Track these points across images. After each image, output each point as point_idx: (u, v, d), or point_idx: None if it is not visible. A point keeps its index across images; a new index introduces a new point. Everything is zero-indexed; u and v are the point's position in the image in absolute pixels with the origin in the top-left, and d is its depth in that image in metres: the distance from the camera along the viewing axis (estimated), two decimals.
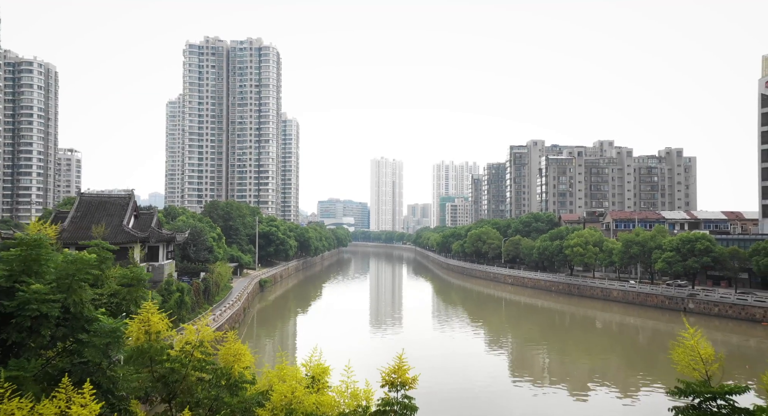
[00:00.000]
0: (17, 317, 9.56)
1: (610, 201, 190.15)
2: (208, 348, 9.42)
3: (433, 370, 46.14)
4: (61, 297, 10.10)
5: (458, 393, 42.13)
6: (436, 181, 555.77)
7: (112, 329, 10.25)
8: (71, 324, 10.37)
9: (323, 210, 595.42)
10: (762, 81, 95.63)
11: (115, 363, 10.36)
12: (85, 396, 7.89)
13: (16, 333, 9.59)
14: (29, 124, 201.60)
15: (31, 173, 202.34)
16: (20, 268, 10.21)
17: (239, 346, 9.48)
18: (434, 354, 56.15)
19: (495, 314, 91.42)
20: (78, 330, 10.39)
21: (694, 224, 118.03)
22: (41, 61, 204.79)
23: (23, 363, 9.27)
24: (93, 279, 11.58)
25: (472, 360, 55.58)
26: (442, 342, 65.64)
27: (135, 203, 63.71)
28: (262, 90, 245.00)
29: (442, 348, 61.44)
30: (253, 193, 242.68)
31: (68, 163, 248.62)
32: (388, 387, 9.08)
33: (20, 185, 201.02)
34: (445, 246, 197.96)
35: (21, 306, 9.56)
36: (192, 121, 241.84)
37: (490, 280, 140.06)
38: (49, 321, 9.87)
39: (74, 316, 10.40)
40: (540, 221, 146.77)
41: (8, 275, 9.94)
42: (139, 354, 9.28)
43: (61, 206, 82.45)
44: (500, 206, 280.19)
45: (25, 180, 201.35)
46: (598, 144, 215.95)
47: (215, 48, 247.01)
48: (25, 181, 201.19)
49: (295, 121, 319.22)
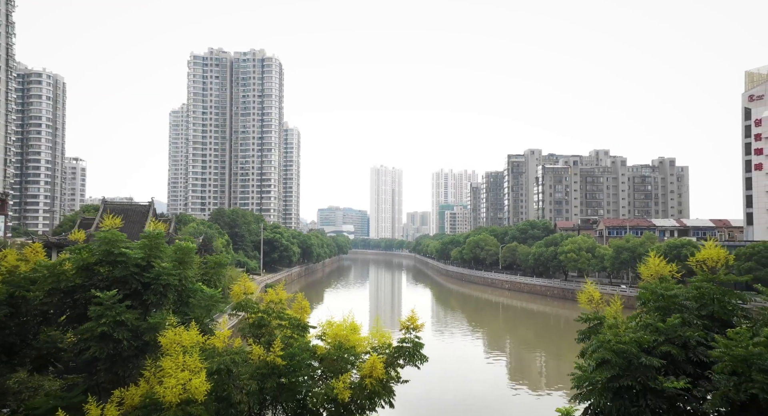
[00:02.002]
0: (153, 285, 14.11)
1: (605, 209, 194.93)
2: (284, 305, 13.94)
3: (432, 376, 45.97)
4: (177, 272, 14.70)
5: (458, 400, 42.61)
6: (435, 189, 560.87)
7: (211, 296, 14.85)
8: (184, 292, 14.97)
9: (323, 218, 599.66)
10: (745, 95, 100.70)
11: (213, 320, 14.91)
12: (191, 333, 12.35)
13: (152, 296, 14.14)
14: (38, 134, 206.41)
15: (39, 181, 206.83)
16: (150, 253, 14.76)
17: (305, 303, 14.01)
18: (433, 358, 58.45)
19: (493, 318, 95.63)
20: (187, 296, 15.00)
21: (683, 231, 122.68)
22: (50, 72, 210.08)
23: (160, 315, 13.80)
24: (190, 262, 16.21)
25: (470, 365, 56.57)
26: (441, 346, 67.10)
27: (154, 210, 68.20)
28: (265, 100, 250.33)
29: (441, 352, 62.38)
30: (256, 200, 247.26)
31: (73, 171, 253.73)
32: (404, 330, 13.63)
33: (28, 193, 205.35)
34: (444, 253, 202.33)
35: (156, 278, 14.11)
36: (196, 131, 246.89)
37: (488, 286, 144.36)
38: (172, 288, 14.45)
39: (184, 286, 15.01)
40: (536, 228, 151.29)
41: (145, 256, 14.49)
42: (240, 308, 13.81)
43: (79, 213, 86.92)
44: (498, 214, 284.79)
45: (33, 188, 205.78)
46: (594, 153, 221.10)
47: (219, 59, 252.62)
48: (33, 189, 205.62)
49: (296, 129, 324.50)
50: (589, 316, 10.88)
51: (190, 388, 10.00)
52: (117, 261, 14.02)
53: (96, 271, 14.23)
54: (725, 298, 10.23)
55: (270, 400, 12.67)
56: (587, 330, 11.61)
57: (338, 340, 13.17)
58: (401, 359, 13.04)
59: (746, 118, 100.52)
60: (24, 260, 16.24)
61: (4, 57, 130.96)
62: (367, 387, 12.02)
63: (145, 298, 14.09)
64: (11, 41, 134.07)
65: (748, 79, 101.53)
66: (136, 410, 10.80)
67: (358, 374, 12.56)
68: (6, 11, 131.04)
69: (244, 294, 13.72)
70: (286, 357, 12.03)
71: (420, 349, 13.49)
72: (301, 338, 13.40)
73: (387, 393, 12.51)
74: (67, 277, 13.91)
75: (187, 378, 10.02)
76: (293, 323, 13.49)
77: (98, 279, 14.13)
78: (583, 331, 11.60)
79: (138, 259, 14.22)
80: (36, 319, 14.99)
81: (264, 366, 12.03)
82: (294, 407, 12.79)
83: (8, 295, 13.84)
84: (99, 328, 12.59)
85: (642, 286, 11.92)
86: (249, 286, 13.90)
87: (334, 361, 12.93)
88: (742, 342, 7.78)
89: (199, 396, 10.07)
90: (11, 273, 14.40)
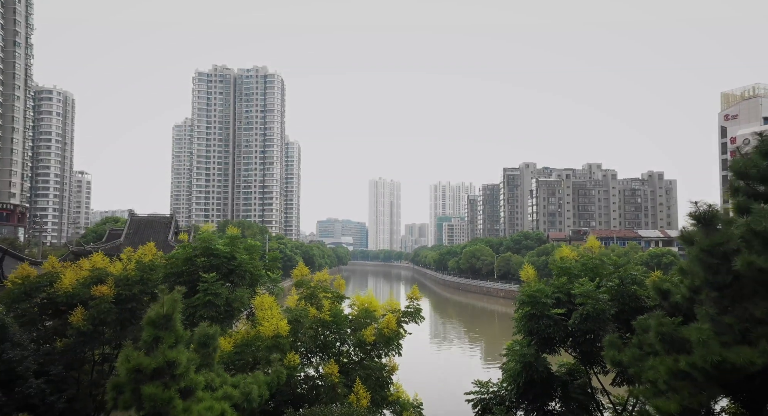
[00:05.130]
0: (237, 270, 20.55)
1: (597, 220, 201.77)
2: (327, 284, 20.43)
3: (429, 384, 46.49)
4: (251, 262, 21.21)
5: (454, 404, 46.01)
6: (433, 201, 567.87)
7: (273, 279, 21.37)
8: (254, 276, 21.47)
9: (322, 230, 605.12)
10: (721, 115, 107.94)
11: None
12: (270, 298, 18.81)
13: (237, 278, 20.57)
14: (47, 149, 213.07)
15: (48, 195, 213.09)
16: (232, 248, 21.21)
17: (342, 281, 20.54)
18: (431, 366, 58.00)
19: (488, 325, 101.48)
20: (257, 279, 21.50)
21: (667, 241, 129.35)
22: (60, 89, 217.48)
23: (241, 291, 20.16)
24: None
25: (467, 371, 56.75)
26: (437, 353, 69.21)
27: (176, 222, 74.61)
28: (267, 115, 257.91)
29: (437, 359, 64.04)
30: (258, 212, 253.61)
31: (79, 184, 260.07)
32: (409, 300, 20.11)
33: (37, 206, 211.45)
34: (442, 263, 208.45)
35: (238, 265, 20.56)
36: (200, 145, 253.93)
37: (484, 294, 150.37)
38: (248, 273, 20.94)
39: (252, 273, 21.50)
40: (529, 239, 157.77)
41: (230, 251, 20.94)
42: (299, 284, 20.29)
43: (100, 225, 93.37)
44: (495, 225, 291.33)
45: (43, 201, 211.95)
46: (587, 166, 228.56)
47: (223, 75, 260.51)
48: (42, 202, 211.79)
49: (296, 143, 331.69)
50: (526, 288, 17.11)
51: (278, 328, 16.44)
52: (213, 254, 20.45)
53: (196, 261, 20.65)
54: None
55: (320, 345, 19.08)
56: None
57: (364, 306, 19.63)
58: (407, 318, 19.51)
59: (723, 135, 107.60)
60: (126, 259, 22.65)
61: (23, 77, 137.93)
62: (385, 333, 18.45)
63: (232, 279, 20.51)
64: (29, 63, 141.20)
65: (724, 100, 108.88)
66: (243, 344, 17.19)
67: (378, 327, 19.01)
68: (25, 34, 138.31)
69: (302, 276, 20.25)
70: (331, 315, 18.48)
71: (419, 312, 19.95)
72: (339, 305, 19.88)
73: (397, 339, 18.94)
74: (177, 265, 20.40)
75: (278, 320, 16.47)
76: (334, 295, 19.96)
77: (198, 266, 20.55)
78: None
79: (225, 252, 20.67)
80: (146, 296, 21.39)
81: (317, 321, 18.47)
82: (335, 352, 19.20)
83: (140, 277, 20.33)
84: (206, 297, 18.97)
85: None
86: (305, 270, 20.39)
87: (361, 320, 19.37)
88: (587, 286, 14.20)
89: (284, 332, 16.47)
90: (139, 262, 20.88)
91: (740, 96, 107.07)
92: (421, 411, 19.39)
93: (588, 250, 17.22)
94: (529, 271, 17.35)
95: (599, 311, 13.46)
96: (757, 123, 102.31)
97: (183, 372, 9.64)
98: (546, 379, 15.04)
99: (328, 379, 16.98)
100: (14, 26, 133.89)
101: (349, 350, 19.53)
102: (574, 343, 14.85)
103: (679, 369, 9.03)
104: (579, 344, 14.57)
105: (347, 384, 17.49)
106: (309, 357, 19.18)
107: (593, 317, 13.48)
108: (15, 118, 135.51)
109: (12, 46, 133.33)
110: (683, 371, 9.01)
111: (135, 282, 20.11)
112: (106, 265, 21.26)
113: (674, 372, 9.19)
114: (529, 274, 17.24)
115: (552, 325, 14.40)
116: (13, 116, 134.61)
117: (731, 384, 8.81)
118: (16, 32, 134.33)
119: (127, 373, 9.30)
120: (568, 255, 17.75)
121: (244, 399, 11.56)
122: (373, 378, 18.36)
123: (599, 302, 13.65)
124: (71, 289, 19.28)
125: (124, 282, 19.93)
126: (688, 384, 9.05)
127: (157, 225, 71.85)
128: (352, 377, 17.84)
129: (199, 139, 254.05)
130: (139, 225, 71.23)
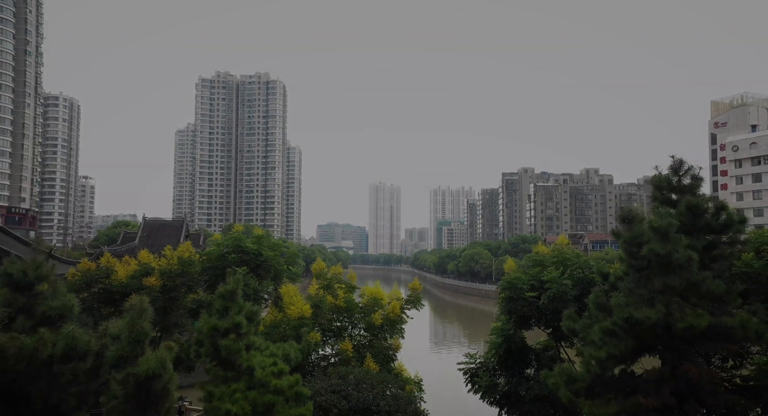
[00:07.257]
0: (263, 265, 24.05)
1: (594, 224, 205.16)
2: (341, 276, 23.95)
3: (428, 383, 49.24)
4: (276, 258, 24.75)
5: (456, 409, 48.69)
6: (432, 206, 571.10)
7: (294, 272, 24.92)
8: (278, 270, 25.00)
9: (322, 234, 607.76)
10: (711, 122, 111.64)
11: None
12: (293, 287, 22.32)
13: (263, 271, 24.12)
14: (53, 154, 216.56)
15: (54, 199, 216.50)
16: (257, 245, 24.73)
17: (353, 274, 24.10)
18: (431, 365, 58.36)
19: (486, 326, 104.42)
20: (280, 272, 25.04)
21: None
22: (66, 95, 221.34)
23: (267, 283, 23.70)
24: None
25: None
26: (437, 355, 71.41)
27: (187, 226, 78.08)
28: (269, 120, 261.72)
29: (437, 361, 64.89)
30: (260, 216, 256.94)
31: (83, 189, 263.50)
32: (410, 290, 23.65)
33: (44, 210, 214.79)
34: (441, 267, 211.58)
35: (264, 261, 24.11)
36: (203, 150, 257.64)
37: (482, 297, 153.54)
38: (272, 268, 24.46)
39: (276, 267, 25.04)
40: (527, 242, 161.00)
41: (257, 248, 24.45)
42: (318, 276, 23.80)
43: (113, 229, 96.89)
44: (494, 229, 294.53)
45: (49, 205, 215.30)
46: (584, 171, 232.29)
47: (225, 82, 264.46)
48: (48, 206, 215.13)
49: (297, 148, 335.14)
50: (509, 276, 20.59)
51: (303, 311, 19.96)
52: (243, 251, 23.99)
53: (228, 257, 24.16)
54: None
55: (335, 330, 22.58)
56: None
57: (372, 295, 23.16)
58: (409, 304, 23.04)
59: (713, 142, 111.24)
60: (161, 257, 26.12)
61: (33, 85, 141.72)
62: (391, 317, 21.97)
63: (258, 273, 24.08)
64: (39, 70, 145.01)
65: (714, 108, 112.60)
66: (271, 326, 20.68)
67: (385, 312, 22.51)
68: (36, 43, 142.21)
69: (320, 269, 23.78)
70: (345, 302, 22.01)
71: (420, 300, 23.50)
72: (351, 294, 23.40)
73: (401, 323, 22.47)
74: (211, 260, 23.94)
75: (302, 304, 20.00)
76: (347, 285, 23.50)
77: (230, 261, 24.04)
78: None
79: (254, 250, 24.22)
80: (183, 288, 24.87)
81: (333, 307, 21.99)
82: (348, 334, 22.70)
83: (181, 270, 23.85)
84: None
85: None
86: (322, 265, 23.92)
87: (370, 307, 22.88)
88: (553, 274, 17.67)
89: (307, 314, 20.00)
90: (180, 258, 24.40)
91: (729, 104, 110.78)
92: (421, 386, 22.84)
93: (558, 247, 20.76)
94: (510, 264, 20.85)
95: (562, 293, 16.97)
96: (745, 130, 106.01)
97: (245, 331, 13.13)
98: (521, 349, 18.54)
99: (344, 355, 20.49)
100: (25, 35, 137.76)
101: (360, 333, 23.07)
102: (545, 321, 18.35)
103: (607, 327, 12.57)
104: (549, 321, 18.06)
105: (359, 359, 21.00)
106: (324, 340, 22.70)
107: (558, 298, 16.98)
108: (26, 125, 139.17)
109: (23, 55, 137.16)
110: (610, 329, 12.56)
111: (177, 274, 23.63)
112: (151, 261, 24.75)
113: (604, 330, 12.74)
114: (511, 266, 20.74)
115: (527, 306, 17.89)
116: (23, 123, 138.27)
117: (642, 338, 12.29)
118: (27, 41, 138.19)
119: (207, 331, 12.78)
120: (543, 251, 21.30)
121: (285, 358, 15.03)
122: (381, 355, 21.87)
123: (562, 286, 17.16)
124: (125, 280, 22.81)
125: (168, 275, 23.46)
126: (614, 339, 12.59)
127: (169, 228, 75.29)
128: (362, 354, 21.35)
129: (202, 144, 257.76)
130: (152, 228, 74.67)
